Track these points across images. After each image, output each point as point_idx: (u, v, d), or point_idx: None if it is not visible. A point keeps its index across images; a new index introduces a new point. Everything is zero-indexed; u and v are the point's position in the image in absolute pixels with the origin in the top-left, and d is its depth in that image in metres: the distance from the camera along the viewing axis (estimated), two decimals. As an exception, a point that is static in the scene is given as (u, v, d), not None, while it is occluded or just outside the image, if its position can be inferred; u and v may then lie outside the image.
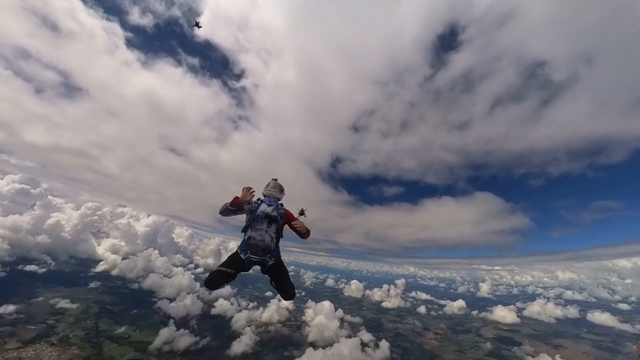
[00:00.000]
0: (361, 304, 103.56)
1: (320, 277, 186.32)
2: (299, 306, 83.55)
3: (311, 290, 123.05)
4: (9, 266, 56.40)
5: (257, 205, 3.94)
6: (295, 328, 65.90)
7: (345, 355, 48.72)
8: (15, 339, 35.95)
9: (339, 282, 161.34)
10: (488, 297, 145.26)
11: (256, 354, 48.97)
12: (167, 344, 42.98)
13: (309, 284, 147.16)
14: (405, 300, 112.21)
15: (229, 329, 56.28)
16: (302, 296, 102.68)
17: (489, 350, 59.78)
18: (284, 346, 53.68)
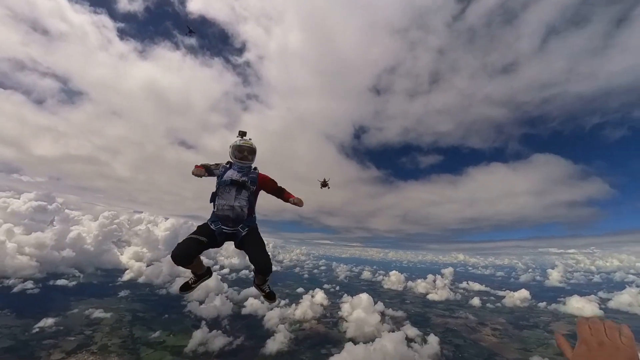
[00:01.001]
0: (403, 297, 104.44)
1: (355, 269, 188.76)
2: (334, 302, 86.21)
3: (346, 285, 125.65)
4: (41, 282, 63.84)
5: (224, 170, 3.78)
6: (332, 325, 68.26)
7: (389, 350, 49.70)
8: (59, 350, 41.22)
9: (377, 274, 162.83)
10: (559, 286, 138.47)
11: (292, 352, 51.66)
12: (202, 346, 46.90)
13: (342, 277, 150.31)
14: (454, 292, 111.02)
15: (262, 328, 59.82)
16: (337, 291, 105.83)
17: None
18: (321, 344, 56.01)
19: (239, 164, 3.84)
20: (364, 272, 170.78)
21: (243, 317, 64.15)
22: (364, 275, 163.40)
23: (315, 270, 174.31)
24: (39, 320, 46.79)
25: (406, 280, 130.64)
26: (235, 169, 3.80)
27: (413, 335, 60.09)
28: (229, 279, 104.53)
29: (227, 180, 3.65)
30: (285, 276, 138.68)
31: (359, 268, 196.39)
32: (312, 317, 70.29)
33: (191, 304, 62.63)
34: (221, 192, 3.61)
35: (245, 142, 3.91)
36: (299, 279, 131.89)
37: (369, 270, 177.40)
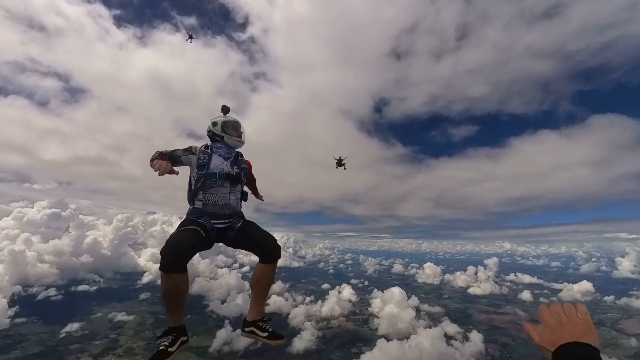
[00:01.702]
0: (440, 292, 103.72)
1: (385, 263, 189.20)
2: (363, 297, 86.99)
3: (375, 279, 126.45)
4: (63, 289, 69.11)
5: (207, 158, 3.21)
6: (362, 322, 69.08)
7: (426, 348, 49.57)
8: (87, 354, 44.75)
9: (409, 267, 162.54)
10: (632, 278, 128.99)
11: (320, 351, 53.01)
12: (226, 345, 49.42)
13: (371, 271, 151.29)
14: (500, 285, 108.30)
15: (287, 326, 61.78)
16: (366, 286, 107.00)
17: (636, 350, 53.63)
18: (351, 342, 56.93)
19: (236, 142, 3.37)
20: (394, 266, 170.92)
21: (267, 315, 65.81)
22: (394, 268, 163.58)
23: (341, 265, 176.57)
24: (64, 325, 50.92)
25: (443, 273, 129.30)
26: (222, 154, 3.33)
27: (453, 332, 59.59)
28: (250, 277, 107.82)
29: (220, 173, 3.20)
30: (309, 272, 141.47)
31: (388, 261, 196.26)
32: (340, 314, 71.43)
33: (213, 303, 65.89)
34: (209, 186, 3.15)
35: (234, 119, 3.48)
36: (323, 275, 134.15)
37: (401, 263, 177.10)
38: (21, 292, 63.71)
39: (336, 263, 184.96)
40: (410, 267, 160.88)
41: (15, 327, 50.09)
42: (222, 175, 3.19)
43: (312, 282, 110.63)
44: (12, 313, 52.79)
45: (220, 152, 3.32)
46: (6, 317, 50.99)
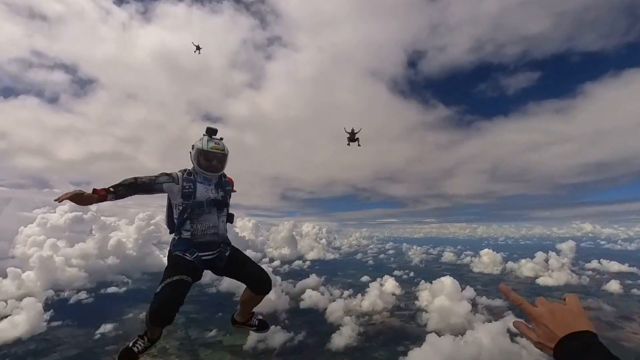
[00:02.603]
0: (502, 282, 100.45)
1: (433, 251, 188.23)
2: (408, 290, 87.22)
3: (422, 270, 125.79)
4: (93, 292, 75.98)
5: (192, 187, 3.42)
6: (408, 317, 69.49)
7: (485, 344, 48.69)
8: (122, 354, 49.52)
9: (462, 255, 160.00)
10: None
11: (363, 349, 54.06)
12: (261, 342, 52.01)
13: (417, 261, 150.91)
14: (579, 275, 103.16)
15: (325, 322, 63.70)
16: (411, 277, 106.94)
17: None
18: (397, 340, 57.37)
19: (204, 174, 3.53)
20: (444, 254, 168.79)
21: (302, 311, 69.05)
22: (444, 257, 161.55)
23: (382, 256, 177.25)
24: (98, 327, 56.18)
25: (504, 261, 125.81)
26: (203, 180, 3.55)
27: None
28: (282, 272, 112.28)
29: (207, 201, 3.45)
30: (345, 264, 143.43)
31: (437, 249, 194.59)
32: (383, 309, 72.27)
33: None
34: (197, 215, 3.42)
35: (216, 145, 3.52)
36: (362, 267, 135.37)
37: (452, 251, 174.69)
38: (54, 296, 71.06)
39: (376, 253, 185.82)
40: (464, 255, 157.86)
41: (52, 330, 56.07)
42: (210, 203, 3.47)
43: (349, 275, 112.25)
44: (47, 317, 59.00)
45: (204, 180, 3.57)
46: (43, 321, 57.07)
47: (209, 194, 3.49)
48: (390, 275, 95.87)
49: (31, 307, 57.01)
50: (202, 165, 3.50)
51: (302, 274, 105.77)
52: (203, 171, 3.50)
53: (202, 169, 3.50)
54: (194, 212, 3.39)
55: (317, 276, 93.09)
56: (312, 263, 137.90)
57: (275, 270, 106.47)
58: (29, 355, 48.41)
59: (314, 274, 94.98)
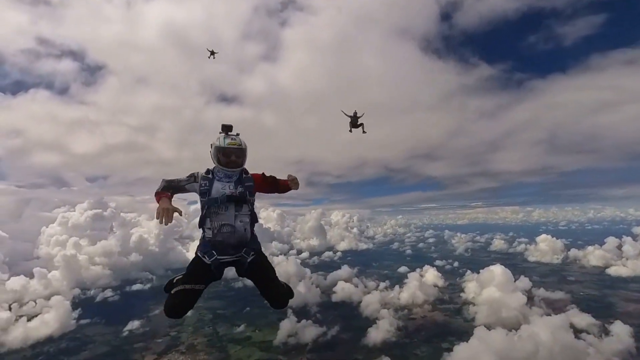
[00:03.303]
0: (563, 273, 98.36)
1: (480, 239, 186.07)
2: (452, 282, 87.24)
3: (468, 259, 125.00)
4: (119, 289, 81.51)
5: (208, 184, 3.83)
6: (453, 311, 69.28)
7: (544, 340, 47.07)
8: (150, 352, 52.86)
9: (515, 242, 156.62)
10: None
11: (402, 345, 54.64)
12: (292, 337, 53.92)
13: (462, 250, 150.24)
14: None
15: (360, 315, 64.97)
16: (455, 268, 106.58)
17: None
18: (441, 336, 57.33)
19: (225, 171, 3.90)
20: (494, 242, 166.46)
21: (334, 304, 70.74)
22: (494, 245, 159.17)
23: (421, 244, 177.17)
24: (125, 324, 60.54)
25: (567, 249, 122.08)
26: (222, 177, 3.90)
27: (584, 324, 56.21)
28: (311, 264, 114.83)
29: (221, 197, 3.75)
30: (381, 255, 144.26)
31: (485, 237, 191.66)
32: (425, 302, 72.56)
33: None
34: (214, 212, 3.74)
35: (232, 141, 3.89)
36: (399, 257, 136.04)
37: (503, 239, 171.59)
38: (80, 295, 77.06)
39: (414, 242, 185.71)
40: (517, 242, 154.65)
41: (81, 329, 60.89)
42: (224, 199, 3.75)
43: (385, 266, 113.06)
44: (76, 315, 64.10)
45: (219, 174, 3.92)
46: (72, 320, 62.12)
47: (225, 190, 3.79)
48: (431, 266, 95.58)
49: (60, 306, 62.15)
50: (222, 162, 3.86)
51: (333, 265, 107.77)
52: (223, 168, 3.86)
53: (222, 165, 3.86)
54: (211, 209, 3.74)
55: (349, 267, 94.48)
56: (343, 254, 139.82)
57: (304, 262, 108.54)
58: (61, 353, 52.99)
59: (346, 265, 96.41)
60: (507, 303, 63.50)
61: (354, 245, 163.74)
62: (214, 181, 3.84)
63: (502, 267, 73.82)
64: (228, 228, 3.73)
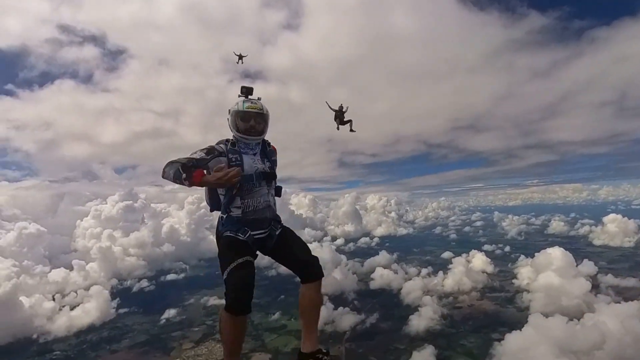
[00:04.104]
0: (637, 258, 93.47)
1: (535, 221, 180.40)
2: (503, 268, 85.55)
3: (521, 243, 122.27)
4: (154, 279, 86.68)
5: (239, 158, 3.54)
6: (505, 299, 68.13)
7: (612, 329, 44.97)
8: (187, 340, 56.22)
9: (577, 224, 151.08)
10: None
11: (448, 335, 54.66)
12: (329, 325, 55.51)
13: (514, 234, 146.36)
14: None
15: (400, 303, 65.67)
16: (506, 253, 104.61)
17: None
18: (491, 326, 56.50)
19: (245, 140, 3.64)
20: (551, 224, 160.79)
21: (373, 292, 71.79)
22: (552, 227, 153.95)
23: (467, 228, 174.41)
24: (162, 313, 64.56)
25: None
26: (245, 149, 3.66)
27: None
28: (346, 251, 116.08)
29: (256, 174, 3.58)
30: (422, 240, 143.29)
31: (541, 218, 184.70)
32: (472, 289, 71.98)
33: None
34: (247, 190, 3.53)
35: (252, 104, 3.65)
36: (443, 242, 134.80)
37: (562, 220, 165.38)
38: (118, 285, 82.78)
39: (459, 226, 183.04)
40: (580, 224, 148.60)
41: (120, 318, 65.56)
42: (259, 176, 3.59)
43: (427, 252, 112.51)
44: (115, 305, 69.04)
45: (247, 148, 3.67)
46: (111, 309, 67.06)
47: (256, 164, 3.62)
48: (478, 250, 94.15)
49: (99, 295, 67.26)
50: (241, 128, 3.60)
51: (370, 252, 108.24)
52: (243, 135, 3.60)
53: (240, 133, 3.61)
54: (244, 187, 3.49)
55: (387, 253, 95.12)
56: (381, 240, 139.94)
57: (339, 249, 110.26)
58: (102, 341, 57.40)
59: (384, 251, 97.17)
60: (567, 290, 61.63)
61: (392, 231, 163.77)
62: (242, 154, 3.59)
63: (561, 250, 71.72)
64: (265, 204, 3.61)
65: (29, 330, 56.57)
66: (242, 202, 3.51)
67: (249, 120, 3.59)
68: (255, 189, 3.56)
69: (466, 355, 49.16)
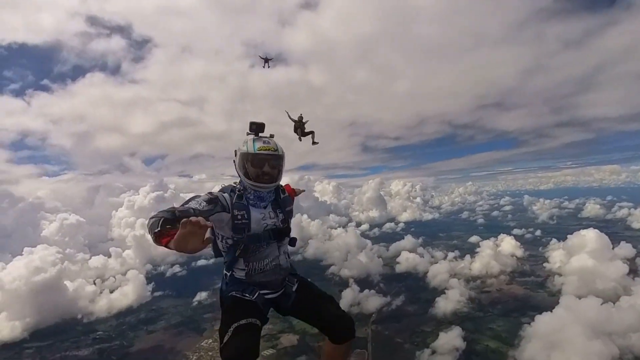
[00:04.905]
0: None
1: (568, 205, 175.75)
2: (534, 253, 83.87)
3: (553, 228, 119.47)
4: (185, 265, 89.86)
5: (246, 215, 2.94)
6: (535, 284, 66.57)
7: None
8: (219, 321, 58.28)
9: (615, 207, 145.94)
10: None
11: (475, 318, 53.90)
12: (355, 306, 56.02)
13: (545, 217, 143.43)
14: None
15: (426, 287, 65.48)
16: (537, 237, 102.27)
17: None
18: (521, 310, 55.30)
19: (256, 188, 3.02)
20: (586, 207, 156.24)
21: (398, 275, 71.96)
22: (586, 211, 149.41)
23: (495, 213, 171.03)
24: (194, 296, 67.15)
25: None
26: (254, 199, 3.06)
27: None
28: (371, 236, 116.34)
29: (264, 233, 3.04)
30: (448, 225, 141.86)
31: (575, 202, 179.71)
32: (500, 272, 70.65)
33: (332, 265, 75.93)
34: (253, 252, 3.02)
35: (265, 145, 3.00)
36: (470, 226, 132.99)
37: (598, 203, 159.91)
38: (152, 270, 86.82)
39: (487, 211, 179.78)
40: (618, 207, 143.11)
41: (156, 301, 68.73)
42: (267, 235, 3.06)
43: (454, 236, 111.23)
44: (150, 288, 72.30)
45: (256, 199, 3.08)
46: (147, 292, 70.59)
47: (266, 220, 3.07)
48: (508, 234, 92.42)
49: (135, 279, 70.84)
50: (251, 175, 2.98)
51: (395, 237, 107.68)
52: (253, 183, 2.98)
53: (251, 180, 2.98)
54: (249, 247, 3.00)
55: (413, 237, 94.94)
56: (406, 225, 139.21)
57: (363, 234, 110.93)
58: (140, 323, 60.28)
59: (410, 236, 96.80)
60: (602, 272, 59.83)
61: (418, 216, 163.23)
62: (250, 209, 3.00)
63: (596, 232, 69.51)
64: (272, 267, 3.12)
65: (73, 311, 60.10)
66: (247, 265, 3.06)
67: (262, 166, 2.96)
68: (263, 249, 3.07)
69: (495, 339, 48.45)
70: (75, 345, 49.10)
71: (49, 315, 56.77)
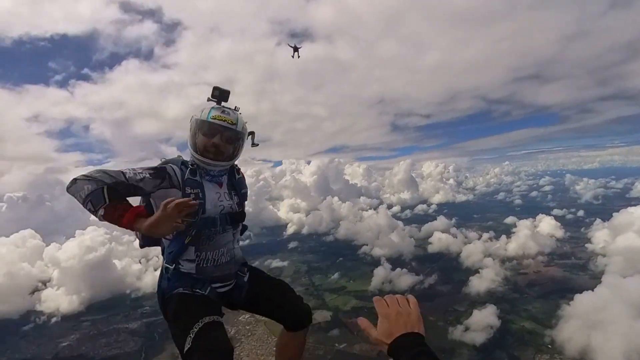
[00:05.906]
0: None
1: (615, 184, 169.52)
2: (575, 235, 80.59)
3: (597, 208, 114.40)
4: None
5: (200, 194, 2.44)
6: (576, 267, 63.95)
7: None
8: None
9: None
10: None
11: (511, 300, 52.15)
12: (386, 284, 56.90)
13: (589, 197, 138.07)
14: None
15: (459, 267, 64.72)
16: (579, 218, 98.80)
17: None
18: (559, 292, 53.01)
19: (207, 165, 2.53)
20: (635, 186, 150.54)
21: (431, 255, 71.63)
22: (636, 190, 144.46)
23: (534, 193, 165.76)
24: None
25: None
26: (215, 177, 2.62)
27: None
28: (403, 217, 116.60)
29: (221, 217, 2.55)
30: (483, 206, 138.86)
31: (623, 181, 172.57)
32: (538, 253, 68.44)
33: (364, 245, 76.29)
34: (207, 238, 2.51)
35: (222, 115, 2.51)
36: (506, 207, 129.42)
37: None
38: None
39: (525, 191, 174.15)
40: None
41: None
42: (225, 219, 2.59)
43: (488, 218, 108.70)
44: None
45: (212, 175, 2.62)
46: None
47: (222, 202, 2.60)
48: (547, 215, 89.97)
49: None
50: (199, 146, 2.50)
51: (427, 219, 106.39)
52: (200, 158, 2.49)
53: (198, 154, 2.50)
54: (202, 234, 2.50)
55: (446, 218, 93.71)
56: (438, 207, 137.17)
57: (395, 216, 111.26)
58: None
59: (442, 216, 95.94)
60: (651, 252, 57.58)
61: (451, 198, 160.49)
62: (205, 185, 2.52)
63: (643, 208, 65.87)
64: (226, 257, 2.63)
65: (122, 287, 63.95)
66: (198, 255, 2.52)
67: (211, 136, 2.48)
68: (217, 237, 2.57)
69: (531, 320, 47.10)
70: (125, 319, 52.37)
71: (101, 290, 60.84)
